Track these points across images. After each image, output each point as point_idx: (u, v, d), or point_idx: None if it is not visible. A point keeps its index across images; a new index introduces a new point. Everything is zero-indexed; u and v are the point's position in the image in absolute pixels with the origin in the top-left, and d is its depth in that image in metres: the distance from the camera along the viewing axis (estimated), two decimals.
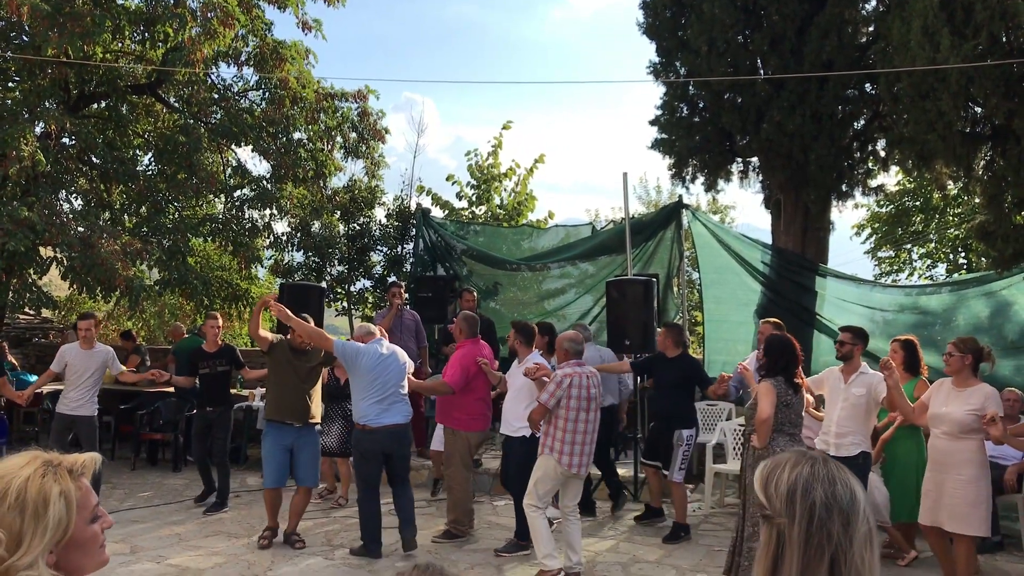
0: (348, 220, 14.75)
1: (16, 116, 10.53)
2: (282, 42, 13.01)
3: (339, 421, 8.92)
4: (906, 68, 9.17)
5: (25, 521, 1.50)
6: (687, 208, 11.80)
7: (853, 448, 6.30)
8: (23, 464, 1.58)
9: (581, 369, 6.36)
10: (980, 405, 5.79)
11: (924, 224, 22.46)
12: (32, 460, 1.60)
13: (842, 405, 6.43)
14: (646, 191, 27.43)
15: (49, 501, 1.54)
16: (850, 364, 6.54)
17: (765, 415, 5.85)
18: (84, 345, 8.29)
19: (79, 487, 1.61)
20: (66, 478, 1.59)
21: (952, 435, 5.88)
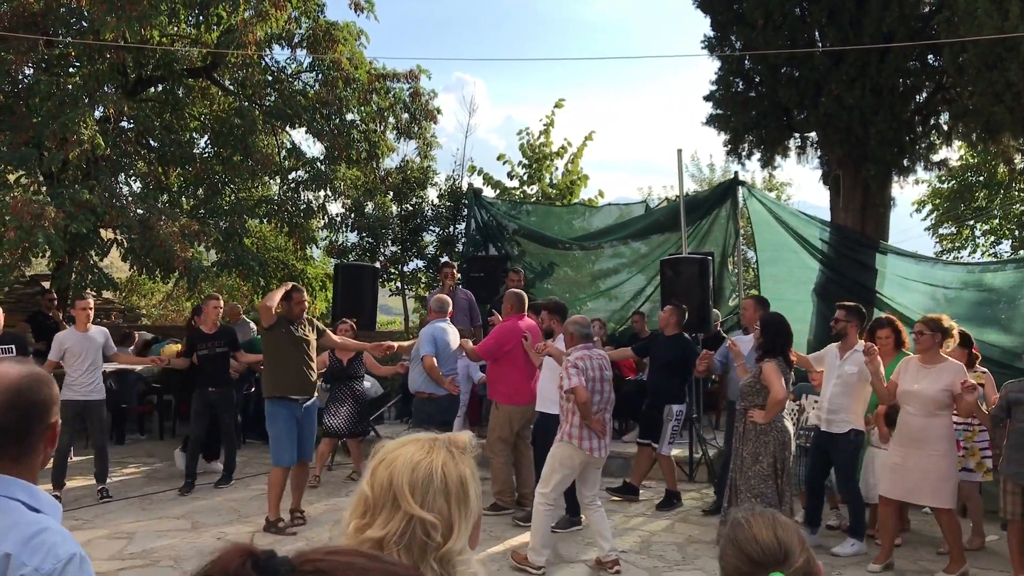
0: (401, 201, 14.80)
1: (77, 101, 10.73)
2: (334, 23, 13.05)
3: (348, 402, 8.87)
4: (972, 37, 8.90)
5: (452, 506, 1.47)
6: (743, 185, 11.61)
7: (844, 425, 6.52)
8: (424, 447, 1.52)
9: (590, 352, 6.29)
10: (951, 382, 5.92)
11: (988, 200, 21.84)
12: (427, 442, 1.54)
13: (835, 382, 6.60)
14: (699, 169, 27.07)
15: (467, 485, 1.51)
16: (845, 341, 6.67)
17: (782, 396, 6.13)
18: (80, 328, 8.12)
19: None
20: (469, 459, 1.56)
21: (925, 413, 5.99)
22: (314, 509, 7.82)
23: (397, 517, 1.44)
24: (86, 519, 7.38)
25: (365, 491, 1.49)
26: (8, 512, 1.70)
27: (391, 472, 1.48)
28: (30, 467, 1.79)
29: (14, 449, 1.74)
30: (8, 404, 1.72)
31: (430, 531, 1.43)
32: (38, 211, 9.39)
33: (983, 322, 10.00)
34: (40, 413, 1.78)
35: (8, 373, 1.76)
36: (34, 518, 1.71)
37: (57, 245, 9.61)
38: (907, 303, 10.29)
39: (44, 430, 1.79)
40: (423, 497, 1.45)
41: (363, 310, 10.34)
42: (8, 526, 1.67)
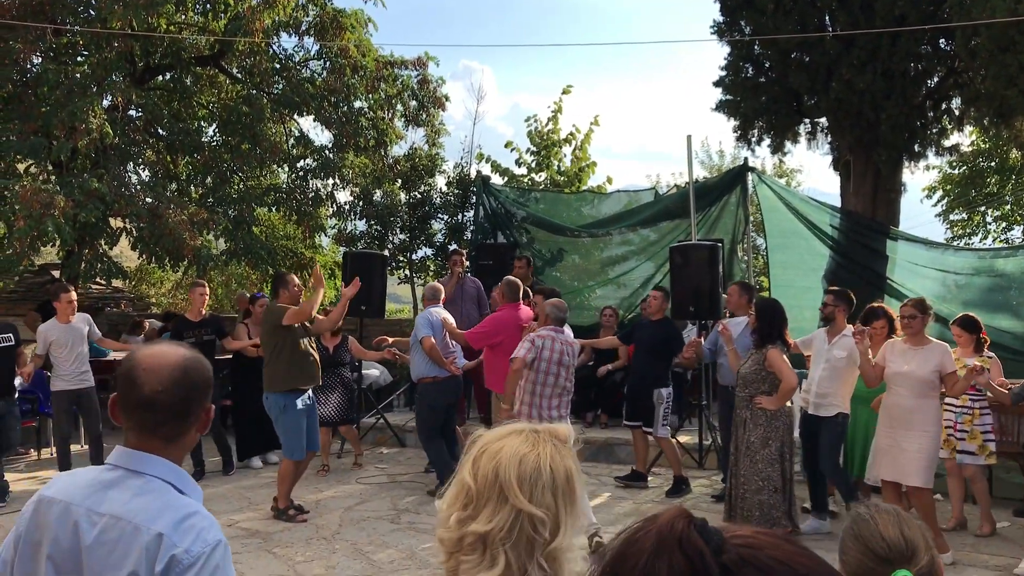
0: (409, 188, 14.77)
1: (85, 90, 10.72)
2: (342, 11, 13.01)
3: (337, 389, 8.85)
4: (985, 21, 8.81)
5: (559, 501, 1.42)
6: (752, 171, 11.53)
7: (832, 409, 6.56)
8: (528, 440, 1.47)
9: (557, 335, 6.32)
10: (939, 363, 5.97)
11: (1000, 185, 21.70)
12: (530, 434, 1.49)
13: (824, 366, 6.64)
14: (708, 155, 26.97)
15: (573, 479, 1.46)
16: (834, 326, 6.72)
17: (793, 384, 6.21)
18: (63, 319, 8.07)
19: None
20: (572, 453, 1.50)
21: (915, 394, 6.02)
22: (322, 496, 7.84)
23: (504, 511, 1.40)
24: None
25: (468, 482, 1.45)
26: (161, 493, 1.75)
27: (497, 464, 1.43)
28: (182, 449, 1.85)
29: (173, 428, 1.80)
30: (175, 382, 1.78)
31: (538, 527, 1.40)
32: (47, 200, 9.40)
33: (995, 308, 9.96)
34: (201, 394, 1.84)
35: (172, 353, 1.82)
36: (185, 501, 1.77)
37: (66, 234, 9.62)
38: (918, 289, 10.24)
39: (200, 412, 1.85)
40: (531, 491, 1.41)
41: (372, 298, 10.33)
42: (161, 507, 1.72)
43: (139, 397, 1.76)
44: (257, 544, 6.38)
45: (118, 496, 1.73)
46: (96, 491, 1.75)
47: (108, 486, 1.76)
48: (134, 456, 1.78)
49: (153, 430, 1.78)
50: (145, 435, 1.79)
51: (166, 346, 1.86)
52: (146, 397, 1.76)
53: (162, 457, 1.79)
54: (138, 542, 1.67)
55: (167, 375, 1.77)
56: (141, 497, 1.73)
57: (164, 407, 1.77)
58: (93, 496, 1.74)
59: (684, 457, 9.13)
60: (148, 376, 1.76)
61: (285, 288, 7.21)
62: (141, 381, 1.76)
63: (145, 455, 1.78)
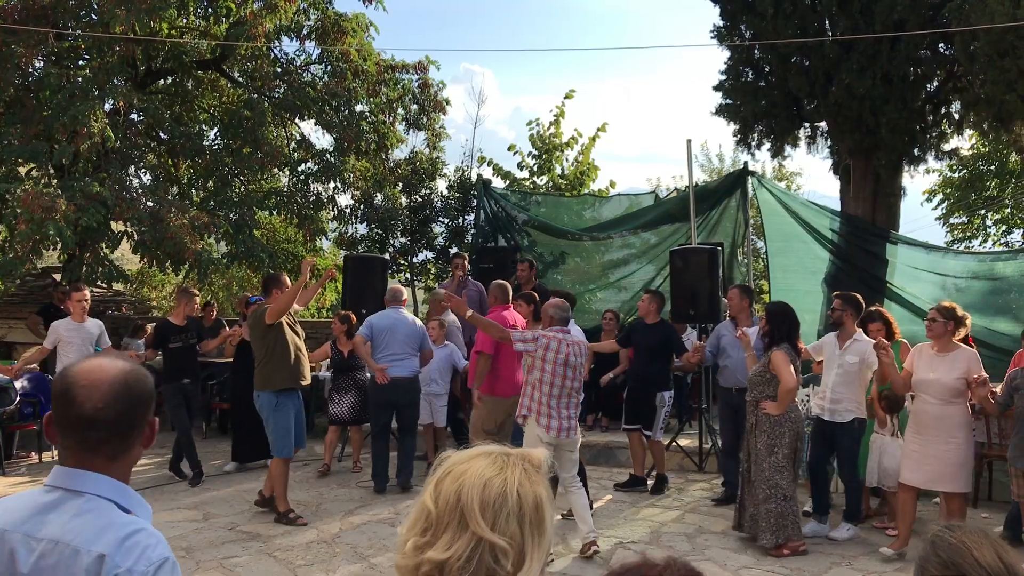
0: (410, 192, 14.80)
1: (86, 93, 10.75)
2: (343, 15, 13.05)
3: (351, 392, 8.97)
4: (984, 26, 8.84)
5: (525, 531, 1.32)
6: (752, 175, 11.55)
7: (847, 415, 6.56)
8: (496, 463, 1.37)
9: (563, 336, 6.25)
10: (966, 369, 5.97)
11: (999, 189, 21.73)
12: (499, 457, 1.38)
13: (836, 371, 6.63)
14: (708, 159, 27.00)
15: (543, 508, 1.35)
16: (843, 331, 6.71)
17: (792, 385, 6.15)
18: (77, 318, 8.14)
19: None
20: (544, 480, 1.39)
21: (942, 401, 6.01)
22: (323, 498, 7.86)
23: (464, 539, 1.29)
24: None
25: (428, 506, 1.35)
26: (102, 512, 1.67)
27: (459, 487, 1.33)
28: (126, 466, 1.76)
29: (114, 446, 1.71)
30: (116, 397, 1.69)
31: (500, 557, 1.29)
32: (49, 204, 9.43)
33: (994, 311, 9.98)
34: (143, 409, 1.75)
35: (111, 367, 1.73)
36: (127, 519, 1.69)
37: (68, 237, 9.65)
38: (918, 293, 10.27)
39: (143, 428, 1.76)
40: (495, 519, 1.30)
41: (373, 301, 10.36)
42: (102, 527, 1.65)
43: (79, 415, 1.67)
44: (258, 547, 6.40)
45: (57, 519, 1.65)
46: (34, 515, 1.67)
47: (47, 509, 1.67)
48: (73, 475, 1.69)
49: (95, 448, 1.69)
50: (86, 454, 1.69)
51: (104, 360, 1.75)
52: (87, 415, 1.66)
53: (105, 475, 1.70)
54: (78, 565, 1.60)
55: (107, 391, 1.68)
56: (80, 517, 1.65)
57: (106, 424, 1.68)
58: (31, 520, 1.66)
59: (684, 460, 9.17)
60: (87, 393, 1.67)
61: (278, 288, 7.24)
62: (80, 399, 1.67)
63: (84, 473, 1.69)
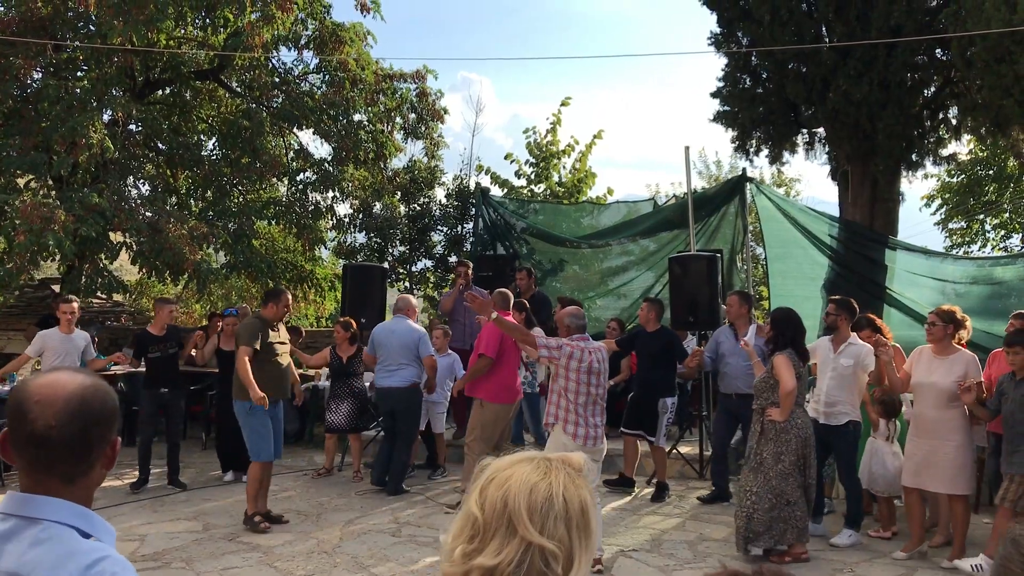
0: (409, 201, 14.82)
1: (85, 105, 10.77)
2: (341, 24, 13.08)
3: (348, 399, 8.97)
4: (980, 31, 8.86)
5: (572, 534, 1.33)
6: (751, 181, 11.56)
7: (842, 417, 6.60)
8: (539, 468, 1.38)
9: (585, 344, 6.16)
10: (963, 373, 6.02)
11: (998, 194, 21.76)
12: (542, 462, 1.39)
13: (831, 375, 6.68)
14: (706, 166, 27.04)
15: (588, 511, 1.37)
16: (838, 335, 6.77)
17: (790, 387, 6.10)
18: (64, 329, 8.13)
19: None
20: (587, 483, 1.41)
21: (939, 404, 6.08)
22: (323, 508, 7.84)
23: (513, 544, 1.30)
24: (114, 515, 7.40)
25: (474, 513, 1.36)
26: (62, 540, 1.53)
27: (505, 493, 1.34)
28: (85, 488, 1.62)
29: (69, 467, 1.57)
30: (71, 415, 1.55)
31: (550, 561, 1.30)
32: (48, 215, 9.43)
33: (994, 315, 9.97)
34: (102, 429, 1.60)
35: (69, 382, 1.59)
36: (90, 546, 1.55)
37: (67, 248, 9.65)
38: (916, 298, 10.27)
39: (104, 448, 1.62)
40: (543, 523, 1.31)
41: (372, 310, 10.36)
42: (62, 556, 1.51)
43: (29, 433, 1.53)
44: (258, 557, 6.38)
45: (13, 549, 1.51)
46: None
47: (2, 539, 1.52)
48: (27, 501, 1.55)
49: (48, 470, 1.55)
50: (39, 476, 1.56)
51: (62, 374, 1.61)
52: (38, 433, 1.52)
53: (62, 499, 1.56)
54: None
55: (61, 407, 1.54)
56: (38, 547, 1.51)
57: (59, 444, 1.53)
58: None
59: (684, 468, 9.16)
60: (40, 409, 1.53)
61: (275, 303, 7.24)
62: (33, 415, 1.53)
63: (40, 498, 1.55)
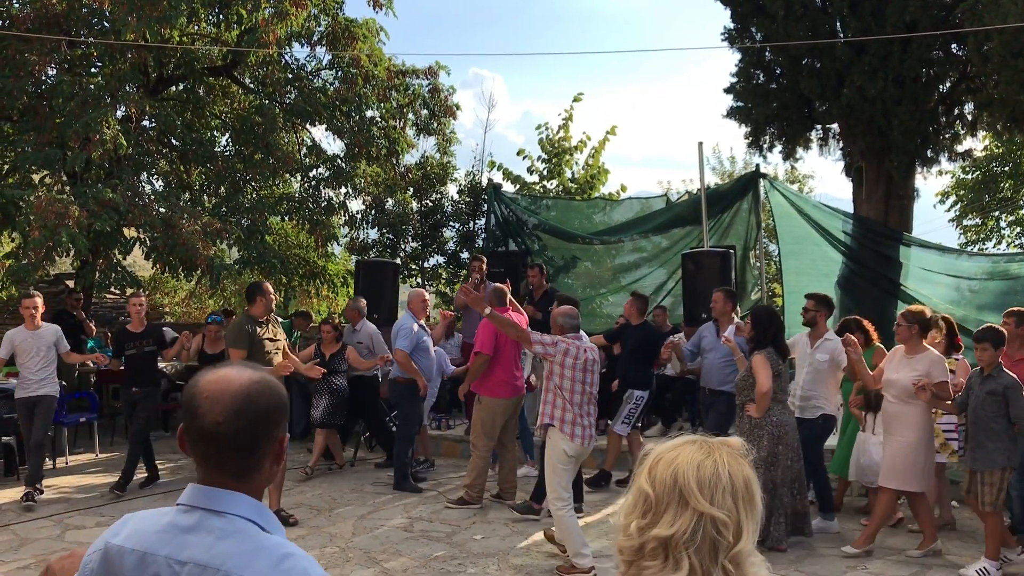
0: (421, 197, 14.82)
1: (99, 101, 10.79)
2: (353, 20, 13.07)
3: (327, 395, 9.00)
4: (997, 26, 8.78)
5: (739, 505, 1.44)
6: (764, 178, 11.51)
7: (815, 411, 6.79)
8: (703, 448, 1.49)
9: (579, 342, 6.23)
10: (925, 371, 6.12)
11: (1014, 190, 21.59)
12: (704, 443, 1.51)
13: (807, 370, 6.84)
14: (719, 162, 26.97)
15: (752, 486, 1.47)
16: (815, 330, 6.93)
17: (766, 388, 6.19)
18: (29, 326, 7.97)
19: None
20: (748, 462, 1.51)
21: (900, 400, 6.21)
22: (335, 503, 7.84)
23: (686, 515, 1.41)
24: (112, 515, 7.44)
25: (646, 490, 1.47)
26: (248, 535, 1.56)
27: (675, 471, 1.45)
28: (256, 483, 1.63)
29: (239, 462, 1.59)
30: (237, 412, 1.57)
31: (721, 530, 1.41)
32: (62, 210, 9.46)
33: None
34: (271, 424, 1.62)
35: (236, 378, 1.61)
36: (276, 541, 1.57)
37: (81, 244, 9.68)
38: (931, 295, 10.21)
39: (272, 443, 1.63)
40: (712, 495, 1.42)
41: (384, 306, 10.38)
42: (251, 550, 1.53)
43: (199, 428, 1.57)
44: None
45: (199, 541, 1.54)
46: (174, 537, 1.56)
47: (187, 530, 1.56)
48: (212, 494, 1.58)
49: (219, 464, 1.59)
50: (211, 470, 1.59)
51: (231, 370, 1.63)
52: (207, 429, 1.56)
53: (239, 492, 1.59)
54: None
55: (228, 403, 1.57)
56: (226, 540, 1.54)
57: (226, 440, 1.57)
58: (172, 543, 1.55)
59: None
60: (208, 405, 1.57)
61: (262, 296, 7.18)
62: (202, 411, 1.57)
63: (223, 492, 1.58)
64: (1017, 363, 6.72)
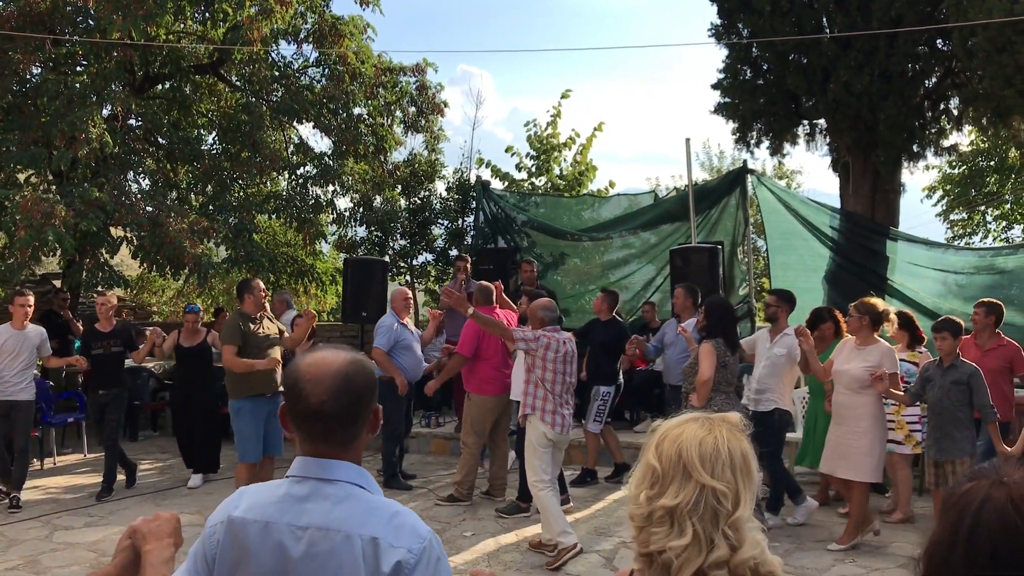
0: (409, 194, 14.79)
1: (84, 99, 10.73)
2: (340, 18, 13.03)
3: None
4: (982, 21, 8.83)
5: (737, 477, 1.56)
6: (752, 173, 11.53)
7: (769, 404, 6.79)
8: (704, 425, 1.62)
9: (558, 334, 6.38)
10: (877, 362, 6.18)
11: (999, 185, 21.71)
12: (705, 421, 1.63)
13: (764, 363, 6.88)
14: (708, 157, 27.03)
15: (748, 458, 1.60)
16: (776, 325, 7.00)
17: (706, 376, 6.23)
18: (16, 324, 7.68)
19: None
20: (745, 436, 1.64)
21: (851, 390, 6.28)
22: None
23: (689, 487, 1.54)
24: (100, 515, 7.42)
25: (653, 464, 1.60)
26: (359, 498, 1.76)
27: (679, 446, 1.59)
28: (357, 451, 1.84)
29: (342, 434, 1.79)
30: (338, 390, 1.76)
31: (721, 500, 1.54)
32: (48, 210, 9.41)
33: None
34: (367, 399, 1.82)
35: (334, 360, 1.81)
36: (384, 501, 1.79)
37: (67, 243, 9.63)
38: (919, 289, 10.26)
39: (369, 415, 1.84)
40: (712, 468, 1.55)
41: (373, 304, 10.36)
42: (366, 511, 1.74)
43: (306, 408, 1.76)
44: None
45: (317, 507, 1.74)
46: (292, 505, 1.75)
47: (302, 499, 1.75)
48: (321, 464, 1.78)
49: (325, 438, 1.78)
50: (318, 443, 1.79)
51: (328, 353, 1.84)
52: (312, 407, 1.75)
53: (345, 461, 1.80)
54: (352, 550, 1.69)
55: (330, 383, 1.76)
56: (342, 504, 1.74)
57: (331, 416, 1.76)
58: (291, 510, 1.74)
59: None
60: (312, 387, 1.76)
61: (250, 293, 7.16)
62: (307, 392, 1.76)
63: (331, 462, 1.78)
64: (987, 353, 6.84)
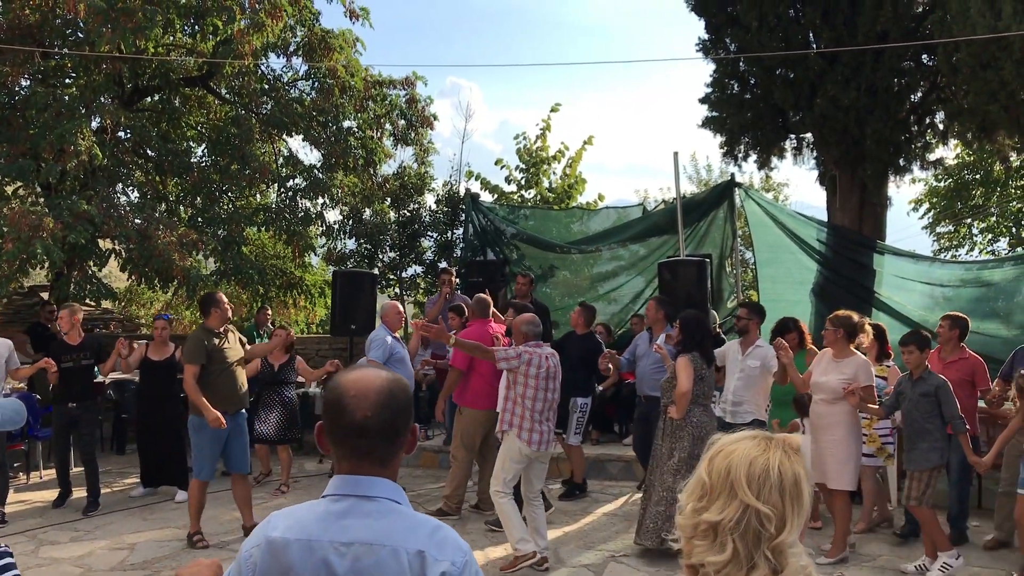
0: (398, 207, 14.79)
1: (73, 112, 10.71)
2: (330, 31, 13.07)
3: (277, 408, 8.83)
4: (966, 37, 8.93)
5: (785, 501, 1.55)
6: (739, 186, 11.62)
7: (746, 416, 6.85)
8: (760, 445, 1.62)
9: (540, 350, 6.39)
10: (852, 375, 6.31)
11: (985, 198, 21.87)
12: (763, 440, 1.63)
13: (738, 375, 6.96)
14: (696, 171, 27.09)
15: (801, 484, 1.58)
16: (747, 337, 7.09)
17: (684, 388, 6.33)
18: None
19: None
20: (803, 461, 1.62)
21: (827, 401, 6.41)
22: None
23: (733, 505, 1.55)
24: (86, 530, 7.38)
25: (703, 477, 1.62)
26: (400, 513, 1.79)
27: (729, 463, 1.59)
28: (394, 468, 1.86)
29: (383, 451, 1.81)
30: (382, 405, 1.79)
31: (764, 522, 1.53)
32: (36, 222, 9.38)
33: (983, 316, 10.04)
34: (407, 416, 1.85)
35: (376, 378, 1.83)
36: (424, 517, 1.83)
37: (55, 256, 9.60)
38: (905, 302, 10.32)
39: (407, 432, 1.87)
40: (759, 490, 1.55)
41: (361, 316, 10.35)
42: (408, 526, 1.77)
43: (350, 424, 1.78)
44: None
45: (359, 523, 1.75)
46: (332, 522, 1.76)
47: (342, 516, 1.77)
48: (359, 482, 1.80)
49: (368, 455, 1.80)
50: (358, 460, 1.80)
51: (369, 370, 1.86)
52: (357, 423, 1.77)
53: (384, 479, 1.81)
54: (399, 564, 1.71)
55: (374, 399, 1.79)
56: (384, 520, 1.76)
57: (374, 432, 1.78)
58: (332, 527, 1.75)
59: None
60: (356, 403, 1.77)
61: (216, 307, 7.01)
62: (352, 407, 1.77)
63: (370, 479, 1.80)
64: (948, 365, 6.90)
